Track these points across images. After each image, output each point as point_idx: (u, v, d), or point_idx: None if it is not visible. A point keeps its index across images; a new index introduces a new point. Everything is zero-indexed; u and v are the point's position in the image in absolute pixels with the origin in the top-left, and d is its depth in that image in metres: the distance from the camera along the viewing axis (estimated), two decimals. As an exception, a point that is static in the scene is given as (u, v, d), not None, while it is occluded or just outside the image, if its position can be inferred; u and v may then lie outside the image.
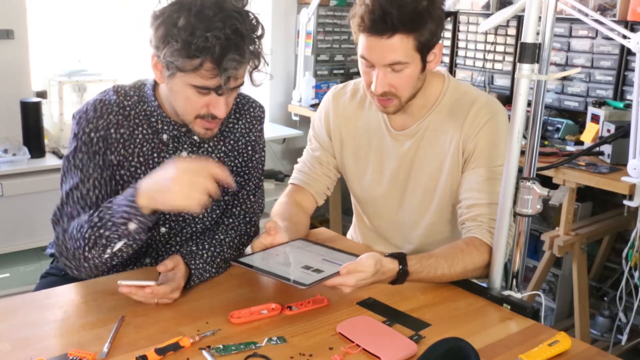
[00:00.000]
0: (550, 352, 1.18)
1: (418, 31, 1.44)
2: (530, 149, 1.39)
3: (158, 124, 1.46)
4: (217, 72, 1.28)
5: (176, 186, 1.23)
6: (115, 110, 1.44)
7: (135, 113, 1.46)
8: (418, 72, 1.51)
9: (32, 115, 2.86)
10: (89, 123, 1.42)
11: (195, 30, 1.25)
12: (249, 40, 1.30)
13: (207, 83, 1.31)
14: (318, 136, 1.78)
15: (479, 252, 1.47)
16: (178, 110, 1.40)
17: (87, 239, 1.29)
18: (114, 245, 1.28)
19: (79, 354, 1.11)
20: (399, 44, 1.44)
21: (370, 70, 1.51)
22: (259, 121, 1.60)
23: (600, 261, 3.13)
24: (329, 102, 1.76)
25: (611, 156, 2.50)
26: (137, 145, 1.45)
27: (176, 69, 1.30)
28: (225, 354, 1.14)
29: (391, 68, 1.48)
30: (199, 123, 1.39)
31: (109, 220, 1.28)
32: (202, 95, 1.34)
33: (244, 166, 1.58)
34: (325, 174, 1.76)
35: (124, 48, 3.45)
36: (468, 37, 3.44)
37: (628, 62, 2.79)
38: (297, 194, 1.74)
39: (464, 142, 1.57)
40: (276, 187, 3.76)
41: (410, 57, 1.47)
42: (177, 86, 1.35)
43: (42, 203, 2.70)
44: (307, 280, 1.25)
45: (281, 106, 3.98)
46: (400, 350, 1.16)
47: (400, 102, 1.54)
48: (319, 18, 3.85)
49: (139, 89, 1.48)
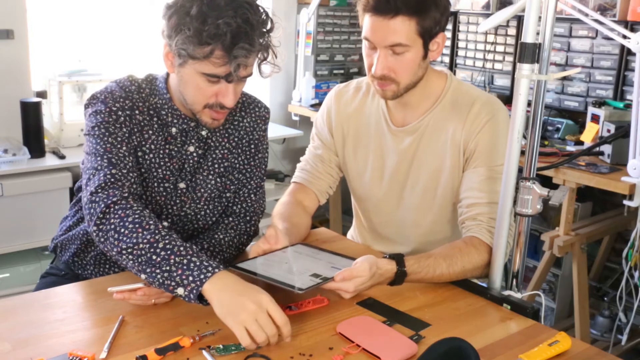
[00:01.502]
0: (550, 352, 1.18)
1: (421, 15, 1.46)
2: (530, 149, 1.39)
3: (168, 117, 1.47)
4: (228, 60, 1.31)
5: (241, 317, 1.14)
6: (136, 97, 1.46)
7: (149, 104, 1.47)
8: (419, 58, 1.52)
9: (32, 115, 2.86)
10: (116, 102, 1.43)
11: (207, 18, 1.28)
12: (258, 31, 1.33)
13: (217, 71, 1.33)
14: (320, 134, 1.78)
15: (478, 252, 1.47)
16: (187, 99, 1.41)
17: (134, 247, 1.22)
18: (140, 275, 1.23)
19: (79, 354, 1.11)
20: (400, 25, 1.45)
21: (372, 52, 1.52)
22: (263, 121, 1.61)
23: (600, 261, 3.13)
24: (332, 99, 1.77)
25: (611, 156, 2.50)
26: (153, 134, 1.46)
27: (187, 57, 1.32)
28: (225, 354, 1.14)
29: (392, 50, 1.49)
30: (207, 113, 1.41)
31: (167, 263, 1.20)
32: (211, 84, 1.36)
33: (246, 164, 1.58)
34: (328, 172, 1.76)
35: (124, 48, 3.45)
36: (468, 37, 3.44)
37: (628, 62, 2.80)
38: (300, 193, 1.74)
39: (465, 141, 1.58)
40: (276, 187, 3.76)
41: (411, 41, 1.47)
42: (187, 75, 1.37)
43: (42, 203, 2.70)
44: (304, 285, 1.27)
45: (281, 106, 3.98)
46: (400, 350, 1.16)
47: (398, 87, 1.54)
48: (319, 18, 3.85)
49: (151, 82, 1.50)
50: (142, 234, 1.24)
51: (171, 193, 1.49)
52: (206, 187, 1.52)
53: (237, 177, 1.57)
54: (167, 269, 1.20)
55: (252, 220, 1.59)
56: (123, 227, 1.26)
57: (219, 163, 1.53)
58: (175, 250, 1.22)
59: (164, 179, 1.48)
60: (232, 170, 1.55)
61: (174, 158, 1.48)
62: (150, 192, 1.47)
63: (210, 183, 1.53)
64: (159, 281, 1.21)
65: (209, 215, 1.56)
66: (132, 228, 1.25)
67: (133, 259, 1.23)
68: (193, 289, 1.18)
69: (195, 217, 1.54)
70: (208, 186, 1.53)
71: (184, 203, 1.51)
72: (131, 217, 1.27)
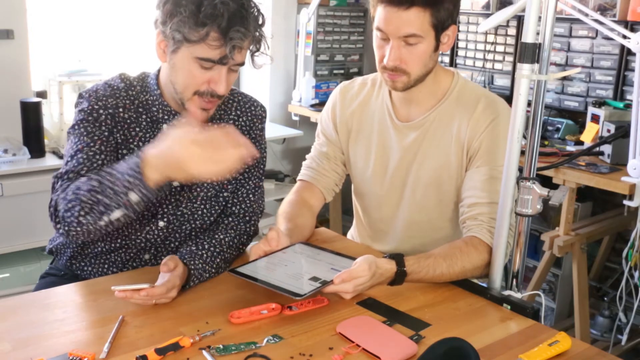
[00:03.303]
0: (550, 352, 1.18)
1: (435, 7, 1.47)
2: (530, 149, 1.39)
3: (159, 113, 1.48)
4: (223, 42, 1.32)
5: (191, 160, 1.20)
6: (124, 95, 1.47)
7: (139, 102, 1.48)
8: (431, 50, 1.52)
9: (32, 115, 2.86)
10: (98, 100, 1.44)
11: (203, 0, 1.30)
12: (252, 17, 1.35)
13: (212, 54, 1.33)
14: (325, 131, 1.78)
15: (478, 252, 1.47)
16: (177, 87, 1.41)
17: (84, 202, 1.27)
18: (111, 214, 1.27)
19: (79, 354, 1.11)
20: (415, 16, 1.47)
21: (384, 43, 1.53)
22: (260, 120, 1.61)
23: (600, 261, 3.13)
24: (337, 96, 1.77)
25: (611, 156, 2.50)
26: (140, 131, 1.47)
27: (182, 40, 1.33)
28: (225, 354, 1.14)
29: (405, 41, 1.49)
30: (196, 101, 1.40)
31: (109, 187, 1.25)
32: (204, 71, 1.36)
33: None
34: (333, 169, 1.76)
35: (124, 48, 3.45)
36: (468, 37, 3.44)
37: (628, 62, 2.80)
38: (306, 191, 1.74)
39: (469, 139, 1.58)
40: (276, 187, 3.76)
41: (425, 32, 1.49)
42: (180, 61, 1.37)
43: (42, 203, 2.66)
44: (303, 291, 1.27)
45: (281, 106, 3.98)
46: (400, 350, 1.16)
47: (409, 79, 1.54)
48: (319, 18, 3.85)
49: (143, 80, 1.51)
50: (82, 192, 1.28)
51: (165, 191, 1.49)
52: (202, 186, 1.52)
53: (234, 177, 1.57)
54: (111, 191, 1.25)
55: (252, 221, 1.59)
56: (66, 200, 1.31)
57: None
58: (106, 177, 1.27)
59: None
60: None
61: None
62: None
63: (207, 182, 1.53)
64: (115, 205, 1.25)
65: (206, 215, 1.56)
66: (75, 192, 1.30)
67: (91, 214, 1.27)
68: (138, 183, 1.23)
69: (192, 217, 1.54)
70: (204, 185, 1.52)
71: (180, 202, 1.51)
72: (72, 187, 1.32)
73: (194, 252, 1.42)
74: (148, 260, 1.56)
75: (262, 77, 3.96)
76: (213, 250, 1.45)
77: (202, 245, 1.45)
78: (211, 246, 1.46)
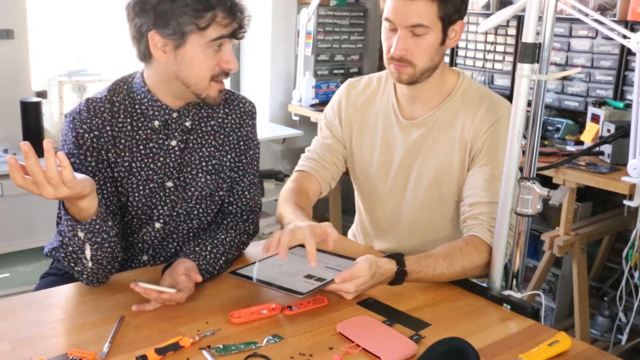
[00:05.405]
0: (550, 352, 1.18)
1: (443, 0, 1.49)
2: (530, 149, 1.39)
3: (149, 110, 1.48)
4: (232, 19, 1.40)
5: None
6: (108, 107, 1.47)
7: (124, 107, 1.48)
8: (437, 43, 1.54)
9: (32, 115, 2.86)
10: (82, 124, 1.44)
11: None
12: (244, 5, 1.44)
13: (224, 31, 1.40)
14: (330, 124, 1.78)
15: (478, 252, 1.47)
16: (191, 79, 1.43)
17: (65, 259, 1.33)
18: (85, 254, 1.31)
19: (79, 354, 1.11)
20: (422, 7, 1.49)
21: (391, 34, 1.55)
22: (250, 116, 1.61)
23: (600, 261, 3.13)
24: (343, 92, 1.78)
25: (611, 156, 2.50)
26: (128, 139, 1.47)
27: (194, 30, 1.37)
28: (225, 354, 1.14)
29: (412, 32, 1.51)
30: (214, 86, 1.45)
31: (65, 236, 1.31)
32: (215, 53, 1.41)
33: (237, 162, 1.58)
34: (334, 162, 1.76)
35: (124, 48, 3.45)
36: (468, 37, 3.44)
37: (628, 62, 2.80)
38: (304, 180, 1.72)
39: (473, 139, 1.58)
40: (276, 187, 3.75)
41: (432, 23, 1.50)
42: (190, 52, 1.39)
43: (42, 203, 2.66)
44: (304, 289, 1.28)
45: (281, 106, 3.98)
46: (400, 350, 1.16)
47: (414, 70, 1.55)
48: (319, 18, 3.85)
49: (125, 82, 1.51)
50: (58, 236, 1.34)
51: (159, 193, 1.50)
52: (196, 186, 1.52)
53: (229, 175, 1.57)
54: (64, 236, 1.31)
55: (250, 219, 1.59)
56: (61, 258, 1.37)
57: (207, 161, 1.53)
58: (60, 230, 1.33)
59: (148, 179, 1.48)
60: (222, 168, 1.55)
61: (156, 155, 1.48)
62: (136, 196, 1.48)
63: (200, 181, 1.53)
64: (72, 247, 1.31)
65: (202, 215, 1.55)
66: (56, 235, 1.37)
67: (73, 260, 1.33)
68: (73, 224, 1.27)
69: (188, 217, 1.54)
70: (198, 184, 1.53)
71: (175, 203, 1.51)
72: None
73: (198, 252, 1.42)
74: (146, 262, 1.56)
75: (262, 77, 3.96)
76: (216, 252, 1.45)
77: (204, 246, 1.45)
78: (214, 247, 1.46)
